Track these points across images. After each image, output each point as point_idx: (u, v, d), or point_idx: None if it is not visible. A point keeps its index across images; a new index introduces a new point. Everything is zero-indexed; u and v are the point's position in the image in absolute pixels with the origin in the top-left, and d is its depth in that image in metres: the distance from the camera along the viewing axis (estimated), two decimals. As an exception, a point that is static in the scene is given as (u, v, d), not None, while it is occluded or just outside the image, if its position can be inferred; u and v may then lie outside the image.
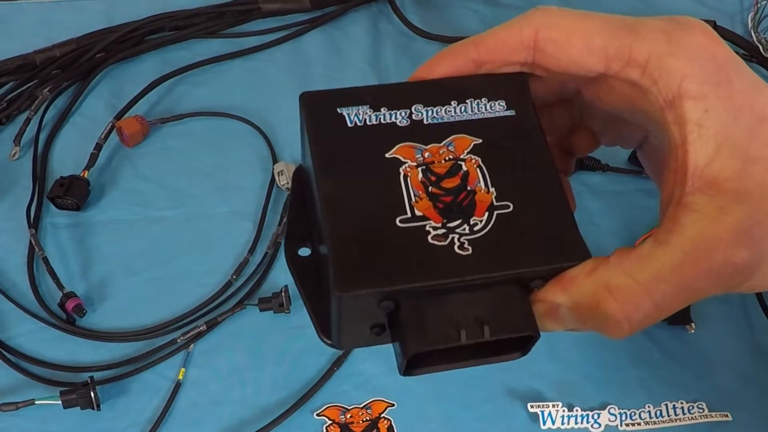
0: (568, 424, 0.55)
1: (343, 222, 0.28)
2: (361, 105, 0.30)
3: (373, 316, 0.28)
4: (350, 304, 0.27)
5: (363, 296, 0.27)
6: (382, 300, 0.27)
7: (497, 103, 0.30)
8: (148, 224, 0.66)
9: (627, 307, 0.27)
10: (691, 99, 0.26)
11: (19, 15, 0.81)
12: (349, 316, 0.28)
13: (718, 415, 0.56)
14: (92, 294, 0.62)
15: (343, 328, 0.29)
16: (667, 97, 0.27)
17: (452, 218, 0.28)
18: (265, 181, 0.68)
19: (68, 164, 0.69)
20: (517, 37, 0.28)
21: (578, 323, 0.28)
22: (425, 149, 0.29)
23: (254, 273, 0.63)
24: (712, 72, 0.26)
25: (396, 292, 0.27)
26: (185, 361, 0.58)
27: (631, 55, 0.27)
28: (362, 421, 0.56)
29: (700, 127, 0.26)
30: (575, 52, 0.28)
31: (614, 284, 0.27)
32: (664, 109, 0.27)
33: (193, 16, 0.79)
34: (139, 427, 0.56)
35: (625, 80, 0.28)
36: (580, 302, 0.27)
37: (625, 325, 0.27)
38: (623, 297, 0.27)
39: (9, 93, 0.73)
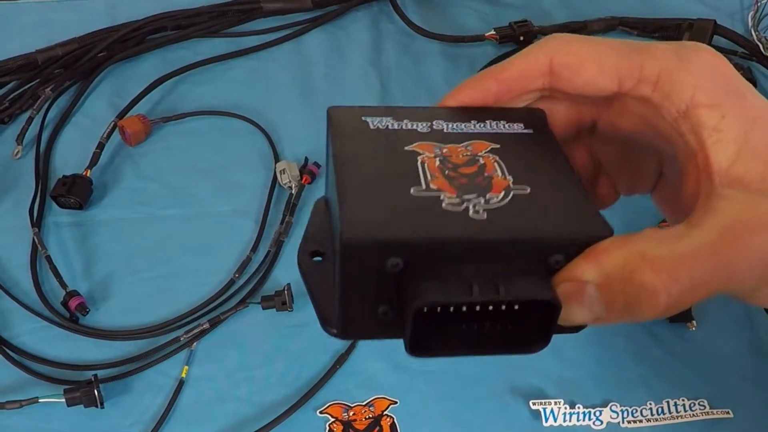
0: (570, 421, 0.56)
1: (354, 182, 0.27)
2: (384, 116, 0.31)
3: (379, 282, 0.27)
4: (356, 259, 0.26)
5: (369, 246, 0.25)
6: (390, 255, 0.26)
7: (516, 124, 0.31)
8: (150, 223, 0.66)
9: (665, 277, 0.25)
10: (705, 107, 0.26)
11: (21, 14, 0.81)
12: (355, 275, 0.26)
13: (720, 413, 0.56)
14: (95, 292, 0.62)
15: (348, 302, 0.27)
16: (680, 107, 0.27)
17: (468, 192, 0.27)
18: (267, 180, 0.68)
19: (71, 163, 0.69)
20: (534, 65, 0.29)
21: (607, 303, 0.26)
22: (444, 147, 0.29)
23: (257, 271, 0.63)
24: (723, 85, 0.27)
25: (405, 245, 0.26)
26: (188, 359, 0.58)
27: (642, 72, 0.28)
28: (365, 418, 0.56)
29: (717, 131, 0.26)
30: (589, 74, 0.29)
31: (651, 254, 0.25)
32: (678, 120, 0.27)
33: (194, 16, 0.79)
34: (142, 425, 0.56)
35: (637, 98, 0.28)
36: (611, 275, 0.26)
37: (662, 297, 0.25)
38: (661, 266, 0.25)
39: (11, 92, 0.74)
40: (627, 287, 0.25)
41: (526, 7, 0.83)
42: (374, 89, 0.76)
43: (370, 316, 0.27)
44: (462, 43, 0.79)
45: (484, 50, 0.79)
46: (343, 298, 0.27)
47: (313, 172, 0.68)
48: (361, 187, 0.27)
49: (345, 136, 0.30)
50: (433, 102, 0.59)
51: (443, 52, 0.79)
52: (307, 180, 0.67)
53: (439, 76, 0.77)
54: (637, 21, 0.81)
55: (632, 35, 0.80)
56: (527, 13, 0.81)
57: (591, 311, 0.26)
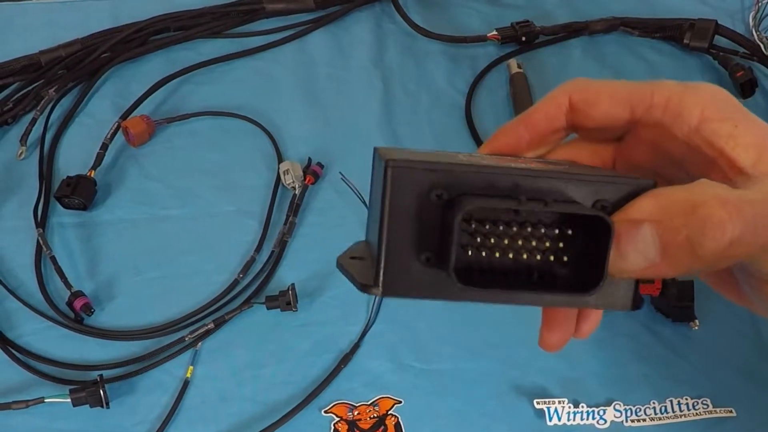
0: (574, 420, 0.56)
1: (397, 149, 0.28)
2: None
3: (423, 224, 0.26)
4: (401, 179, 0.25)
5: (415, 169, 0.25)
6: (435, 185, 0.26)
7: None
8: (154, 223, 0.66)
9: (731, 207, 0.25)
10: (716, 120, 0.28)
11: (24, 15, 0.81)
12: (399, 206, 0.26)
13: (723, 411, 0.57)
14: (100, 293, 0.62)
15: (391, 244, 0.26)
16: (692, 123, 0.28)
17: (512, 162, 0.28)
18: (271, 180, 0.69)
19: (74, 164, 0.69)
20: (556, 106, 0.31)
21: (664, 242, 0.26)
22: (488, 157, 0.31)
23: (261, 271, 0.63)
24: (728, 103, 0.28)
25: (449, 172, 0.26)
26: (193, 359, 0.59)
27: (652, 99, 0.29)
28: (370, 418, 0.56)
29: (734, 138, 0.27)
30: (604, 106, 0.30)
31: (714, 191, 0.26)
32: (691, 136, 0.28)
33: (198, 16, 0.79)
34: (147, 424, 0.56)
35: (649, 124, 0.30)
36: (671, 209, 0.26)
37: (728, 226, 0.25)
38: (725, 198, 0.25)
39: (15, 93, 0.74)
40: (689, 220, 0.25)
41: (528, 8, 0.83)
42: (377, 89, 0.76)
43: (413, 265, 0.26)
44: (464, 43, 0.80)
45: (486, 50, 0.80)
46: (386, 238, 0.26)
47: (317, 173, 0.68)
48: (406, 151, 0.27)
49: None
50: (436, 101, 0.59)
51: (445, 52, 0.80)
52: (311, 180, 0.67)
53: (441, 76, 0.78)
54: (638, 21, 0.81)
55: (633, 35, 0.81)
56: (529, 14, 0.81)
57: (645, 255, 0.26)
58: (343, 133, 0.72)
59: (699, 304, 0.60)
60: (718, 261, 0.25)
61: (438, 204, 0.26)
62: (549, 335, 0.32)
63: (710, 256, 0.25)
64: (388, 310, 0.61)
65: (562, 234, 0.27)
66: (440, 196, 0.26)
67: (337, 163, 0.69)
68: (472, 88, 0.76)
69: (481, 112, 0.75)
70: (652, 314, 0.61)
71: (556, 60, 0.79)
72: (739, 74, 0.75)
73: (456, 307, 0.61)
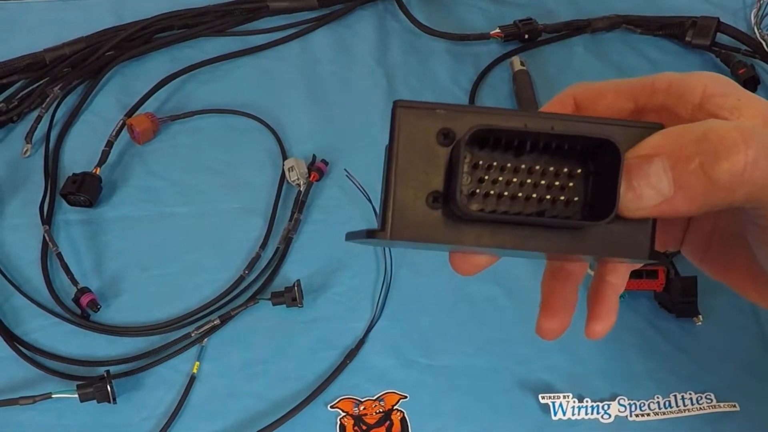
0: (579, 414, 0.56)
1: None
2: None
3: (430, 164, 0.26)
4: (407, 127, 0.26)
5: (423, 107, 0.26)
6: (442, 124, 0.26)
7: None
8: (159, 220, 0.67)
9: (744, 128, 0.25)
10: (719, 96, 0.27)
11: (28, 14, 0.82)
12: (407, 145, 0.26)
13: (726, 406, 0.57)
14: (106, 289, 0.63)
15: (399, 183, 0.26)
16: (695, 101, 0.28)
17: None
18: (275, 178, 0.69)
19: (79, 161, 0.69)
20: (561, 106, 0.31)
21: (677, 173, 0.25)
22: None
23: (266, 268, 0.64)
24: (729, 83, 0.28)
25: (457, 111, 0.26)
26: (199, 355, 0.59)
27: (654, 86, 0.29)
28: (375, 413, 0.56)
29: (738, 110, 0.27)
30: (608, 99, 0.30)
31: (723, 122, 0.26)
32: (695, 112, 0.28)
33: (201, 15, 0.79)
34: (154, 420, 0.56)
35: (654, 108, 0.29)
36: (682, 138, 0.25)
37: (742, 148, 0.24)
38: (737, 125, 0.25)
39: (20, 91, 0.74)
40: (701, 146, 0.25)
41: (531, 6, 0.84)
42: (380, 87, 0.76)
43: (420, 208, 0.26)
44: (467, 41, 0.80)
45: (489, 48, 0.80)
46: (395, 178, 0.26)
47: (321, 169, 0.68)
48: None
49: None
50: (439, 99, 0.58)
51: (449, 50, 0.80)
52: (315, 177, 0.68)
53: (445, 74, 0.78)
54: (640, 19, 0.81)
55: (635, 33, 0.81)
56: (532, 12, 0.81)
57: (658, 190, 0.25)
58: (347, 130, 0.72)
59: (702, 299, 0.60)
60: (734, 188, 0.25)
61: (445, 143, 0.26)
62: (547, 321, 0.32)
63: (726, 181, 0.24)
64: (393, 306, 0.62)
65: (571, 175, 0.26)
66: (447, 135, 0.26)
67: (341, 160, 0.70)
68: (475, 85, 0.76)
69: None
70: (655, 310, 0.61)
71: (559, 58, 0.80)
72: (741, 72, 0.75)
73: (461, 302, 0.62)
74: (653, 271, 0.59)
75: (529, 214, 0.27)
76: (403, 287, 0.62)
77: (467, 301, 0.62)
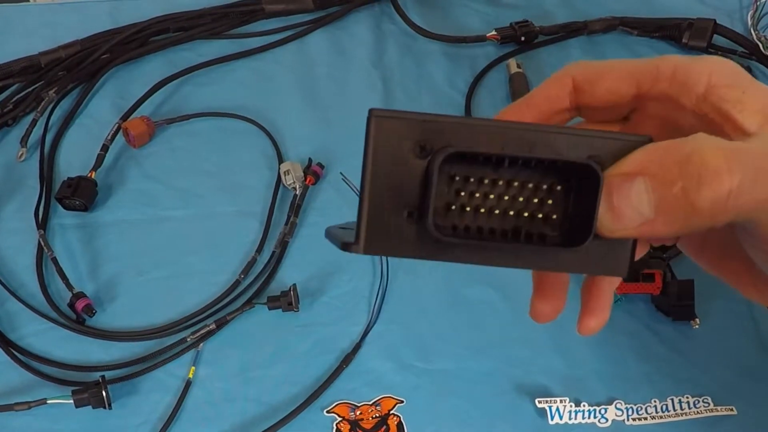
0: (576, 419, 0.56)
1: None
2: None
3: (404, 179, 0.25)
4: (383, 135, 0.25)
5: (398, 118, 0.25)
6: (419, 137, 0.25)
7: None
8: (155, 224, 0.67)
9: (729, 153, 0.24)
10: (724, 86, 0.27)
11: (23, 17, 0.81)
12: (380, 169, 0.25)
13: (723, 409, 0.57)
14: (101, 294, 0.62)
15: (372, 199, 0.25)
16: (699, 91, 0.27)
17: None
18: (271, 181, 0.69)
19: (75, 165, 0.69)
20: (559, 87, 0.30)
21: (658, 196, 0.24)
22: None
23: (262, 272, 0.63)
24: (736, 71, 0.28)
25: (434, 123, 0.25)
26: (195, 360, 0.59)
27: (658, 72, 0.28)
28: (372, 417, 0.56)
29: (741, 103, 0.26)
30: (609, 83, 0.29)
31: (710, 140, 0.24)
32: (699, 103, 0.27)
33: (197, 17, 0.79)
34: (150, 425, 0.56)
35: (656, 97, 0.29)
36: (665, 160, 0.24)
37: (726, 175, 0.23)
38: (723, 146, 0.24)
39: (15, 95, 0.74)
40: (685, 169, 0.24)
41: (527, 8, 0.83)
42: (376, 89, 0.76)
43: (395, 223, 0.26)
44: (463, 43, 0.80)
45: (485, 51, 0.80)
46: (368, 194, 0.25)
47: (317, 173, 0.68)
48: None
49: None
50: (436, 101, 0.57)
51: (445, 52, 0.80)
52: (311, 181, 0.68)
53: (441, 77, 0.78)
54: (637, 21, 0.81)
55: (632, 35, 0.81)
56: (528, 14, 0.81)
57: (639, 212, 0.24)
58: (343, 133, 0.72)
59: (699, 302, 0.60)
60: (717, 215, 0.24)
61: (421, 156, 0.25)
62: (540, 304, 0.31)
63: (708, 209, 0.24)
64: (389, 310, 0.61)
65: (551, 190, 0.26)
66: (423, 148, 0.25)
67: (337, 163, 0.69)
68: (471, 88, 0.76)
69: (481, 112, 0.75)
70: (652, 313, 0.61)
71: (556, 60, 0.79)
72: (738, 73, 0.75)
73: (457, 306, 0.62)
74: (650, 275, 0.59)
75: (505, 230, 0.26)
76: (399, 291, 0.62)
77: (464, 304, 0.62)
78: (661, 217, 0.24)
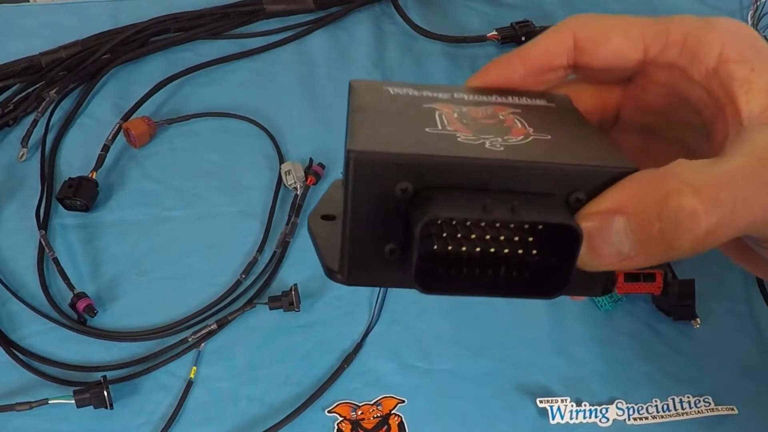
0: (577, 418, 0.56)
1: (368, 121, 0.27)
2: (405, 87, 0.30)
3: (387, 216, 0.25)
4: (364, 173, 0.24)
5: (379, 158, 0.24)
6: (399, 177, 0.24)
7: (538, 99, 0.30)
8: (156, 224, 0.67)
9: (705, 196, 0.23)
10: (734, 62, 0.26)
11: (24, 17, 0.81)
12: (362, 201, 0.25)
13: (724, 409, 0.57)
14: (102, 294, 0.62)
15: (355, 236, 0.25)
16: (709, 65, 0.26)
17: (485, 133, 0.26)
18: (272, 181, 0.69)
19: (76, 165, 0.69)
20: (558, 42, 0.29)
21: (638, 236, 0.24)
22: (464, 108, 0.28)
23: (263, 272, 0.63)
24: (750, 44, 0.27)
25: (416, 163, 0.24)
26: (196, 360, 0.59)
27: (668, 38, 0.27)
28: (373, 417, 0.56)
29: (749, 82, 0.26)
30: (614, 44, 0.28)
31: (687, 176, 0.23)
32: (708, 78, 0.26)
33: (197, 18, 0.79)
34: (151, 425, 0.56)
35: (664, 64, 0.28)
36: (643, 200, 0.24)
37: (702, 218, 0.23)
38: (700, 185, 0.23)
39: (16, 95, 0.74)
40: (663, 211, 0.23)
41: (528, 8, 0.83)
42: (377, 90, 0.76)
43: (377, 256, 0.26)
44: (464, 43, 0.80)
45: (485, 51, 0.80)
46: (350, 231, 0.25)
47: (318, 173, 0.68)
48: (375, 124, 0.26)
49: (364, 95, 0.29)
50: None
51: (445, 52, 0.80)
52: (312, 181, 0.68)
53: (442, 77, 0.78)
54: (637, 21, 0.81)
55: (633, 35, 0.81)
56: (528, 14, 0.81)
57: (618, 250, 0.24)
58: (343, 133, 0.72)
59: (700, 302, 0.60)
60: (697, 251, 0.24)
61: (403, 198, 0.25)
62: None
63: (687, 248, 0.24)
64: (390, 310, 0.61)
65: (532, 227, 0.25)
66: (405, 190, 0.25)
67: (338, 163, 0.69)
68: (472, 88, 0.76)
69: (481, 112, 0.75)
70: (653, 313, 0.61)
71: (556, 60, 0.79)
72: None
73: (458, 306, 0.62)
74: (651, 275, 0.59)
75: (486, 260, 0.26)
76: (400, 291, 0.62)
77: (464, 304, 0.62)
78: (641, 255, 0.24)
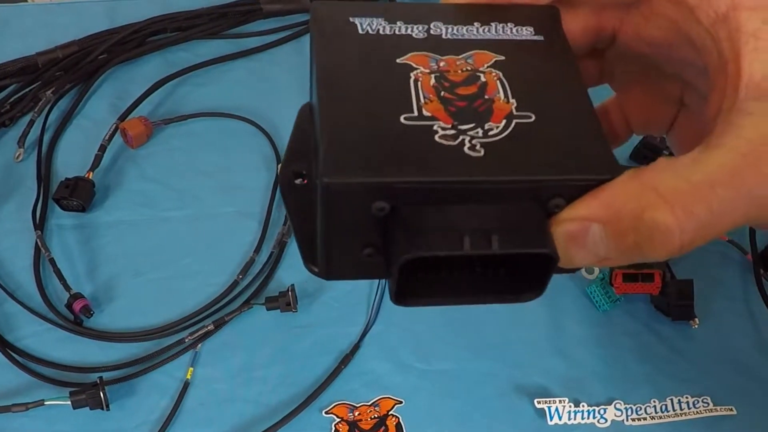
0: (575, 419, 0.56)
1: (339, 109, 0.25)
2: (375, 17, 0.28)
3: (364, 226, 0.24)
4: (338, 198, 0.23)
5: (353, 186, 0.23)
6: (375, 198, 0.23)
7: (525, 28, 0.28)
8: (153, 225, 0.66)
9: (679, 212, 0.23)
10: (747, 9, 0.24)
11: (21, 17, 0.81)
12: (338, 219, 0.24)
13: (723, 409, 0.57)
14: (99, 295, 0.62)
15: (331, 240, 0.25)
16: (720, 9, 0.24)
17: (464, 121, 0.25)
18: (270, 181, 0.69)
19: (72, 166, 0.69)
20: None
21: (613, 244, 0.24)
22: (441, 59, 0.27)
23: (260, 272, 0.63)
24: None
25: (392, 187, 0.23)
26: (193, 361, 0.58)
27: None
28: (371, 418, 0.56)
29: (756, 38, 0.24)
30: None
31: (663, 187, 0.23)
32: (715, 24, 0.24)
33: (194, 17, 0.79)
34: (148, 426, 0.56)
35: None
36: (619, 211, 0.23)
37: (676, 234, 0.23)
38: (675, 200, 0.23)
39: (12, 95, 0.74)
40: (638, 224, 0.23)
41: (526, 7, 0.83)
42: (375, 90, 0.76)
43: (355, 258, 0.25)
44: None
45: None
46: (326, 240, 0.25)
47: (316, 173, 0.68)
48: (346, 113, 0.25)
49: (330, 41, 0.27)
50: None
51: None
52: (310, 181, 0.67)
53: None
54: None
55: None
56: None
57: (594, 254, 0.24)
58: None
59: (699, 303, 0.60)
60: (674, 257, 0.24)
61: (380, 215, 0.24)
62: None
63: (662, 257, 0.24)
64: (388, 310, 0.61)
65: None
66: (382, 209, 0.24)
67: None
68: (470, 87, 0.76)
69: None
70: (651, 313, 0.61)
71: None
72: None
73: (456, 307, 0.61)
74: (649, 275, 0.59)
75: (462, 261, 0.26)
76: (398, 291, 0.62)
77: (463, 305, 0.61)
78: (616, 258, 0.25)
